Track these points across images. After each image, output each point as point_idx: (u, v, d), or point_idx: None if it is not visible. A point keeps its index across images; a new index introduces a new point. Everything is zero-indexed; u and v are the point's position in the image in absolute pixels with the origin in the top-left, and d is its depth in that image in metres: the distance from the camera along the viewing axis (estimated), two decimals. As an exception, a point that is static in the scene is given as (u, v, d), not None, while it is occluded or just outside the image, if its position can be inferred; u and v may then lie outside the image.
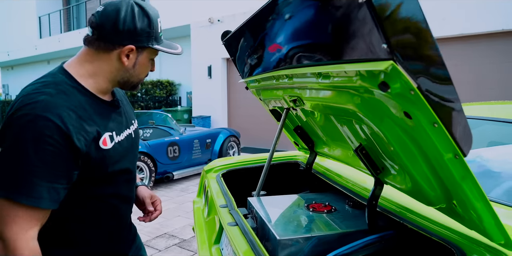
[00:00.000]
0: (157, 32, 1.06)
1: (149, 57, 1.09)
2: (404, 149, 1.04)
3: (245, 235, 1.32)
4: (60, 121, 0.89)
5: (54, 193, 0.90)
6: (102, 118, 1.03)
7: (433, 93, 0.81)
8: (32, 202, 0.87)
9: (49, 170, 0.88)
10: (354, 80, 0.97)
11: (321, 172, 2.01)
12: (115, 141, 1.05)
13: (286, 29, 1.24)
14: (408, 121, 0.91)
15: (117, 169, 1.06)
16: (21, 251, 0.87)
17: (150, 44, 1.05)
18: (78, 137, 0.92)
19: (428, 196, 1.13)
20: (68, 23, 16.47)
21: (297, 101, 1.52)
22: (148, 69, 1.12)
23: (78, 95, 0.98)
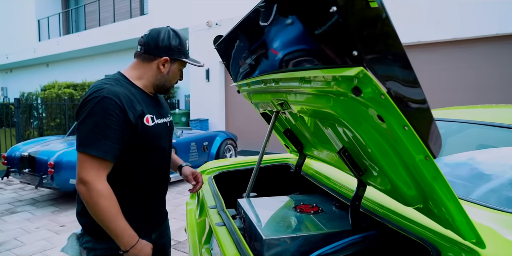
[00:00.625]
0: (186, 49, 1.49)
1: (179, 67, 1.50)
2: (381, 152, 1.08)
3: (232, 235, 1.36)
4: (119, 100, 1.30)
5: (114, 150, 1.28)
6: (146, 104, 1.43)
7: (402, 96, 0.86)
8: (100, 154, 1.25)
9: (111, 133, 1.27)
10: (331, 84, 1.01)
11: (310, 174, 2.05)
12: (155, 122, 1.43)
13: (270, 35, 1.29)
14: (382, 124, 0.95)
15: (157, 144, 1.45)
16: (100, 187, 1.25)
17: (180, 57, 1.47)
18: (130, 112, 1.32)
19: (406, 197, 1.17)
20: (67, 26, 16.54)
21: (284, 105, 1.56)
22: (178, 78, 1.53)
23: (130, 87, 1.40)
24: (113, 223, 1.27)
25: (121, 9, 13.43)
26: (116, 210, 1.27)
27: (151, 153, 1.44)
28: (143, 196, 1.46)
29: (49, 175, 4.60)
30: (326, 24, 0.87)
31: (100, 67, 14.36)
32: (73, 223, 4.31)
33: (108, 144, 1.25)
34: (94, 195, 1.23)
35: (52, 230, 4.09)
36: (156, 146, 1.46)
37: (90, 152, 1.24)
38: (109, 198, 1.26)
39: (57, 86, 10.09)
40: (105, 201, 1.25)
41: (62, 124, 9.38)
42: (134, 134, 1.34)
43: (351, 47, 0.82)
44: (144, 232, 1.44)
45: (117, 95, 1.31)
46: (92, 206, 1.25)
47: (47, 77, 15.10)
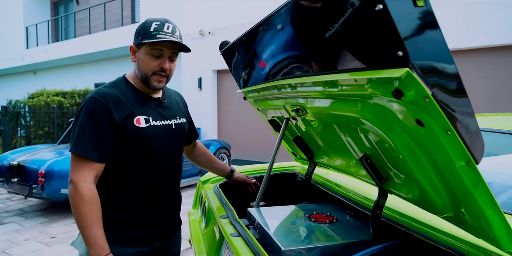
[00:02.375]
0: (148, 30, 1.33)
1: (146, 52, 1.36)
2: (412, 157, 1.04)
3: (250, 246, 1.30)
4: (105, 100, 1.29)
5: (99, 151, 1.26)
6: (141, 105, 1.39)
7: (447, 100, 0.82)
8: (83, 153, 1.24)
9: (95, 133, 1.26)
10: (365, 88, 0.97)
11: (320, 182, 2.00)
12: (150, 124, 1.38)
13: (293, 39, 1.25)
14: (419, 129, 0.91)
15: (152, 147, 1.39)
16: (83, 190, 1.23)
17: (139, 41, 1.35)
18: (115, 112, 1.30)
19: (436, 205, 1.13)
20: (56, 33, 16.35)
21: (300, 111, 1.52)
22: (152, 64, 1.36)
23: (125, 89, 1.39)
24: (87, 230, 1.24)
25: (112, 17, 13.35)
26: (94, 217, 1.24)
27: (146, 156, 1.39)
28: (142, 202, 1.41)
29: (40, 184, 4.45)
30: (368, 24, 0.83)
31: (90, 75, 14.17)
32: (64, 234, 4.16)
33: (91, 144, 1.25)
34: (76, 197, 1.22)
35: (42, 242, 3.93)
36: (151, 149, 1.39)
37: (75, 152, 1.25)
38: (90, 203, 1.23)
39: (46, 93, 9.89)
40: (85, 206, 1.22)
41: (51, 132, 9.17)
42: (122, 135, 1.31)
43: (396, 47, 0.78)
44: (146, 240, 1.42)
45: (104, 95, 1.31)
46: (72, 208, 1.24)
47: (35, 85, 14.83)
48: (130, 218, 1.39)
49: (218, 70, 9.55)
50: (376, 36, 0.83)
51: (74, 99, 9.88)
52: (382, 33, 0.80)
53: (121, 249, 1.35)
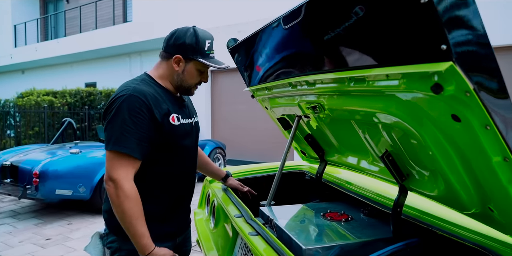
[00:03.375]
0: (203, 49, 1.39)
1: (196, 67, 1.42)
2: (442, 153, 1.04)
3: (271, 245, 1.28)
4: (145, 98, 1.29)
5: (141, 148, 1.27)
6: (172, 103, 1.41)
7: (487, 94, 0.81)
8: (128, 151, 1.24)
9: (137, 131, 1.26)
10: (398, 83, 0.96)
11: (332, 181, 1.99)
12: (180, 122, 1.42)
13: (314, 35, 1.23)
14: (454, 124, 0.91)
15: (182, 144, 1.43)
16: (126, 187, 1.23)
17: (195, 56, 1.39)
18: (156, 110, 1.31)
19: (462, 201, 1.12)
20: (46, 32, 16.07)
21: (317, 108, 1.51)
22: (197, 78, 1.45)
23: (155, 87, 1.40)
24: (133, 227, 1.25)
25: (103, 16, 13.17)
26: (138, 214, 1.25)
27: (176, 153, 1.43)
28: (169, 197, 1.44)
29: (34, 185, 4.35)
30: (411, 17, 0.82)
31: (80, 75, 13.97)
32: (59, 236, 4.08)
33: (135, 142, 1.25)
34: (120, 195, 1.23)
35: (37, 244, 3.84)
36: (181, 146, 1.44)
37: (119, 150, 1.24)
38: (134, 200, 1.25)
39: (36, 93, 9.69)
40: (130, 203, 1.23)
41: (41, 132, 8.99)
42: (160, 133, 1.33)
43: (440, 40, 0.77)
44: (170, 235, 1.45)
45: (143, 93, 1.31)
46: (117, 206, 1.24)
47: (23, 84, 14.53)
48: (158, 214, 1.40)
49: (211, 70, 9.50)
50: (419, 30, 0.82)
51: (65, 98, 9.70)
52: (426, 26, 0.79)
53: None
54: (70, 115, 9.39)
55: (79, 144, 5.55)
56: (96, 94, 10.33)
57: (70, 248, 3.70)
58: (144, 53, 12.00)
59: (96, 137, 9.75)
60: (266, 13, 8.00)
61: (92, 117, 9.97)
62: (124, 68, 12.61)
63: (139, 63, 12.23)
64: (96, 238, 1.49)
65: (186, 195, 1.52)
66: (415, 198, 1.45)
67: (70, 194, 4.49)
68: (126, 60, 12.57)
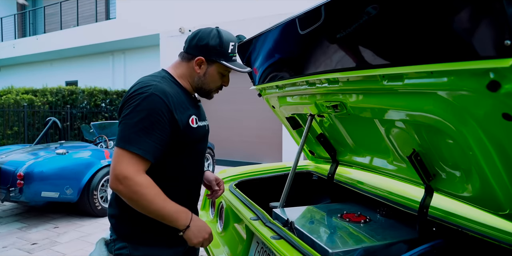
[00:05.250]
0: (226, 51, 1.34)
1: (217, 70, 1.36)
2: (484, 152, 1.01)
3: (298, 249, 1.23)
4: (166, 99, 1.23)
5: (155, 150, 1.20)
6: (191, 105, 1.35)
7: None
8: (142, 153, 1.17)
9: (155, 132, 1.19)
10: (444, 81, 0.93)
11: (343, 181, 1.96)
12: (198, 124, 1.35)
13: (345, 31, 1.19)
14: (504, 123, 0.88)
15: (198, 148, 1.39)
16: (140, 179, 1.16)
17: (218, 59, 1.33)
18: (177, 112, 1.25)
19: (498, 202, 1.10)
20: (24, 28, 15.52)
21: (338, 107, 1.46)
22: (218, 82, 1.39)
23: (175, 86, 1.33)
24: (164, 210, 1.20)
25: (84, 12, 12.82)
26: (164, 197, 1.21)
27: (190, 155, 1.37)
28: (180, 199, 1.33)
29: (18, 187, 4.15)
30: (468, 12, 0.78)
31: (60, 73, 13.56)
32: (45, 240, 3.91)
33: (150, 143, 1.19)
34: (137, 188, 1.16)
35: (22, 249, 3.66)
36: (196, 149, 1.39)
37: (131, 150, 1.17)
38: (152, 187, 1.19)
39: (15, 91, 9.32)
40: (150, 190, 1.18)
41: (21, 132, 8.66)
42: (178, 136, 1.26)
43: (505, 36, 0.74)
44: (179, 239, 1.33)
45: (165, 93, 1.24)
46: (138, 199, 1.17)
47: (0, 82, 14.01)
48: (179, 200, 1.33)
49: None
50: (477, 25, 0.79)
51: (46, 97, 9.37)
52: (490, 21, 0.76)
53: (160, 250, 1.31)
54: (51, 114, 9.08)
55: (64, 144, 5.35)
56: (78, 93, 10.04)
57: (58, 253, 3.55)
58: (128, 51, 11.75)
59: (79, 137, 9.48)
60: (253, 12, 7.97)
61: (75, 116, 9.68)
62: (107, 66, 12.32)
63: (122, 61, 11.97)
64: (101, 244, 1.39)
65: (195, 198, 1.47)
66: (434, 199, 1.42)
67: (57, 196, 4.32)
68: (109, 58, 12.28)
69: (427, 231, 1.37)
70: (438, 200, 1.41)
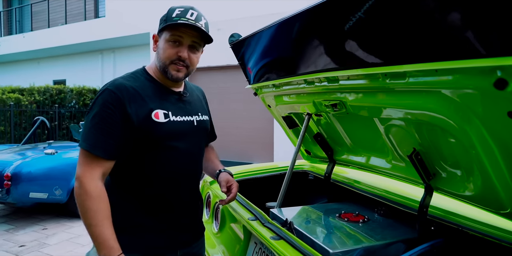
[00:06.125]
0: (170, 16, 1.23)
1: (165, 39, 1.24)
2: (486, 151, 1.01)
3: (298, 249, 1.21)
4: (120, 93, 1.18)
5: (107, 146, 1.15)
6: (160, 98, 1.27)
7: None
8: (90, 149, 1.14)
9: (106, 128, 1.15)
10: (449, 79, 0.92)
11: (339, 180, 1.95)
12: (170, 119, 1.26)
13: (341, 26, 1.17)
14: (508, 121, 0.87)
15: (171, 145, 1.26)
16: (89, 186, 1.12)
17: (160, 28, 1.25)
18: (131, 106, 1.18)
19: (500, 200, 1.10)
20: (10, 26, 15.22)
21: (338, 106, 1.45)
22: (172, 53, 1.24)
23: (144, 81, 1.28)
24: (95, 229, 1.12)
25: (73, 10, 12.62)
26: (102, 215, 1.13)
27: (165, 155, 1.26)
28: (157, 204, 1.27)
29: (5, 188, 4.05)
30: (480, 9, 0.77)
31: (47, 72, 13.32)
32: (33, 242, 3.82)
33: (100, 139, 1.15)
34: (82, 194, 1.12)
35: (10, 252, 3.58)
36: (171, 147, 1.26)
37: (83, 147, 1.15)
38: (97, 200, 1.13)
39: (0, 90, 9.13)
40: (92, 203, 1.12)
41: (7, 132, 8.48)
42: (139, 131, 1.20)
43: None
44: (163, 247, 1.29)
45: (120, 87, 1.20)
46: (78, 205, 1.13)
47: (-16, 81, 13.72)
48: (149, 223, 1.26)
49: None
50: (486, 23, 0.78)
51: (33, 96, 9.20)
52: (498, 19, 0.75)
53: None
54: (39, 114, 8.91)
55: (53, 144, 5.25)
56: (67, 92, 9.88)
57: (47, 255, 3.47)
58: (118, 50, 11.61)
59: (67, 137, 9.33)
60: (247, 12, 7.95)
61: (63, 115, 9.53)
62: (96, 65, 12.15)
63: (112, 60, 11.81)
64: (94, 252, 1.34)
65: (182, 204, 1.33)
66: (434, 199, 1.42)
67: (46, 197, 4.23)
68: (98, 57, 12.12)
69: (427, 231, 1.36)
70: (437, 200, 1.41)
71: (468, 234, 1.24)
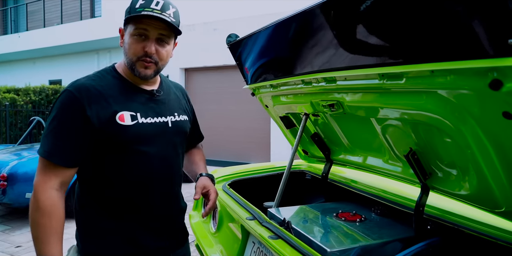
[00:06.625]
0: (134, 7, 1.13)
1: (130, 33, 1.14)
2: (481, 150, 1.02)
3: (296, 249, 1.22)
4: (79, 94, 1.09)
5: (65, 153, 1.07)
6: (127, 99, 1.16)
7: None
8: (46, 156, 1.06)
9: (63, 132, 1.08)
10: (446, 79, 0.93)
11: (337, 180, 1.96)
12: (138, 121, 1.15)
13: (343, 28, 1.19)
14: (503, 121, 0.89)
15: (139, 149, 1.15)
16: (39, 195, 1.05)
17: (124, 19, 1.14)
18: (91, 108, 1.09)
19: (495, 199, 1.11)
20: (5, 25, 15.13)
21: (335, 106, 1.46)
22: (138, 48, 1.13)
23: (111, 79, 1.18)
24: (41, 244, 1.04)
25: (69, 10, 12.56)
26: (51, 232, 1.04)
27: (134, 160, 1.15)
28: (127, 212, 1.17)
29: (1, 188, 4.04)
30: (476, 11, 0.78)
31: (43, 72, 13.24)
32: (30, 242, 3.81)
33: (57, 145, 1.07)
34: (32, 204, 1.05)
35: (6, 252, 3.56)
36: (139, 151, 1.15)
37: (38, 153, 1.08)
38: (47, 214, 1.04)
39: (-4, 90, 9.11)
40: (41, 217, 1.03)
41: (2, 132, 8.43)
42: (101, 135, 1.10)
43: (507, 35, 0.74)
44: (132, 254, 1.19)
45: (80, 88, 1.10)
46: (29, 215, 1.07)
47: (-21, 81, 13.63)
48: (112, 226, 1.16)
49: (186, 68, 9.31)
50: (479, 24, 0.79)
51: (29, 96, 9.16)
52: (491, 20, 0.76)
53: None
54: (35, 114, 8.87)
55: (49, 144, 5.23)
56: (63, 92, 9.84)
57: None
58: (114, 50, 11.57)
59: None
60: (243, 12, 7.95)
61: (59, 116, 9.48)
62: (92, 65, 12.09)
63: (108, 60, 11.76)
64: (73, 253, 1.25)
65: (156, 212, 1.21)
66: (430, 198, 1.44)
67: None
68: (94, 57, 12.07)
69: (424, 230, 1.38)
70: (434, 199, 1.42)
71: (464, 233, 1.26)
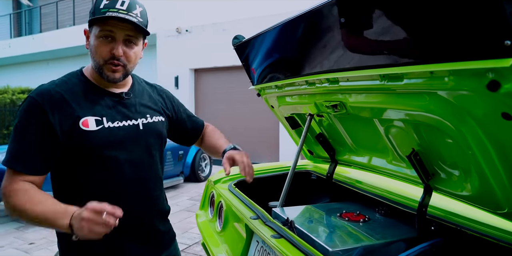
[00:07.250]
0: (98, 7, 1.08)
1: (96, 36, 1.09)
2: (482, 151, 1.02)
3: (298, 248, 1.23)
4: (41, 99, 1.07)
5: (28, 160, 1.05)
6: (92, 103, 1.13)
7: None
8: (7, 164, 1.05)
9: (26, 139, 1.06)
10: (444, 80, 0.94)
11: (342, 180, 1.97)
12: (103, 126, 1.12)
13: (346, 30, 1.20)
14: (503, 122, 0.89)
15: (115, 155, 1.12)
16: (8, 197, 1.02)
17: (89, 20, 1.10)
18: (54, 114, 1.06)
19: (497, 200, 1.11)
20: (19, 28, 15.44)
21: (338, 106, 1.47)
22: (104, 51, 1.09)
23: (76, 83, 1.15)
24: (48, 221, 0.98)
25: (81, 12, 12.77)
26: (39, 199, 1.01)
27: (101, 167, 1.12)
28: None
29: (15, 187, 4.13)
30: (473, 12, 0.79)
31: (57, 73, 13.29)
32: (42, 239, 3.90)
33: (20, 152, 1.05)
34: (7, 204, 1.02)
35: (20, 249, 3.65)
36: (107, 157, 1.12)
37: (4, 159, 1.06)
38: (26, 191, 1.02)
39: (11, 91, 9.29)
40: (23, 196, 1.01)
41: (17, 132, 8.62)
42: (65, 142, 1.07)
43: (504, 36, 0.75)
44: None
45: (42, 93, 1.08)
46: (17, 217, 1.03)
47: (-5, 82, 13.94)
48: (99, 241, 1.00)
49: (195, 69, 9.38)
50: (476, 25, 0.79)
51: (42, 97, 9.35)
52: (488, 21, 0.76)
53: None
54: (47, 114, 9.05)
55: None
56: (75, 93, 10.01)
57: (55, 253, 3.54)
58: (125, 51, 11.72)
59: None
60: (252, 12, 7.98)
61: (71, 116, 9.65)
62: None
63: (119, 61, 11.92)
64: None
65: (131, 224, 1.15)
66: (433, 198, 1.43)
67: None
68: (105, 58, 12.24)
69: (426, 230, 1.38)
70: (437, 200, 1.42)
71: (467, 234, 1.26)
